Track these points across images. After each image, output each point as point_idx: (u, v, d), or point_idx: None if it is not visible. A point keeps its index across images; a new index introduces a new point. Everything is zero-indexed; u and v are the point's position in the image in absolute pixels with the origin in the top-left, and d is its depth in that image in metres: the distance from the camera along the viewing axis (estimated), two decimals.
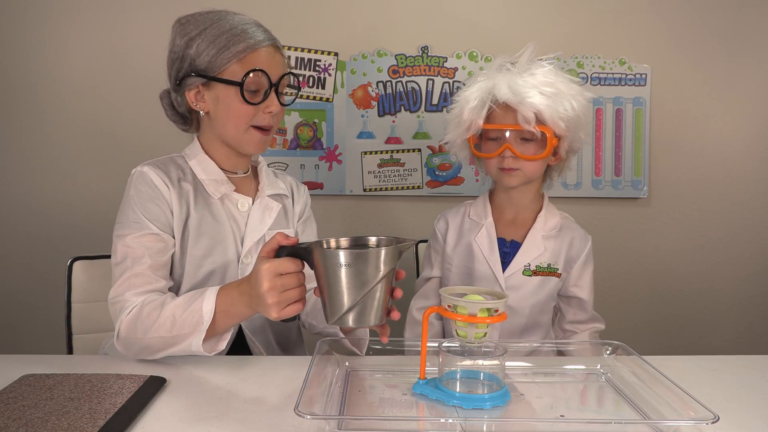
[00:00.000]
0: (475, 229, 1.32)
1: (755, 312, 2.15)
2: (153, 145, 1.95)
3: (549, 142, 1.19)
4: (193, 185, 1.11)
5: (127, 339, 0.97)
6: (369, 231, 2.07)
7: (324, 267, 0.81)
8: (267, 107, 1.07)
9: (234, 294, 0.92)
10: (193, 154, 1.14)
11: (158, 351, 0.96)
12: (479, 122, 1.22)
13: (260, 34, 1.05)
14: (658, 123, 2.07)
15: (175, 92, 1.11)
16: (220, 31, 1.03)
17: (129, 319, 0.97)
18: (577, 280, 1.31)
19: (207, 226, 1.10)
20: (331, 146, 2.03)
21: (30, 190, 2.00)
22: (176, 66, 1.07)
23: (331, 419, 0.75)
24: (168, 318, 0.94)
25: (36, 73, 1.97)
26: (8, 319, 2.03)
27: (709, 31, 2.04)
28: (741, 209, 2.11)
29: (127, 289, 1.00)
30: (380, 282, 0.81)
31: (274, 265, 0.83)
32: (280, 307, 0.84)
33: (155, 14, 1.95)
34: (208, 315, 0.91)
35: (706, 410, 0.73)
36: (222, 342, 0.96)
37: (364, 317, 0.82)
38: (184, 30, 1.05)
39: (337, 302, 0.81)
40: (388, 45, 2.00)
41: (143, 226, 1.03)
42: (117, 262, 1.03)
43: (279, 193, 1.22)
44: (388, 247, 0.81)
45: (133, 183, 1.08)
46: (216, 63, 1.03)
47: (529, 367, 0.99)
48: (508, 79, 1.18)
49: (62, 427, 0.71)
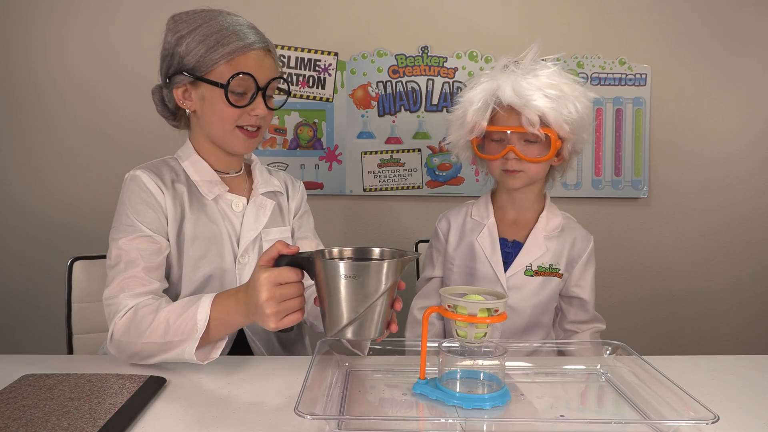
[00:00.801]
0: (477, 229, 1.32)
1: (755, 312, 2.15)
2: (153, 145, 1.95)
3: (553, 144, 1.19)
4: (186, 187, 1.10)
5: (120, 342, 0.96)
6: (369, 231, 2.07)
7: (325, 278, 0.79)
8: (252, 110, 1.06)
9: (230, 303, 0.90)
10: (186, 155, 1.14)
11: (151, 356, 0.94)
12: (483, 124, 1.22)
13: (251, 37, 1.04)
14: (658, 123, 2.07)
15: (165, 88, 1.11)
16: (211, 31, 1.02)
17: (123, 322, 0.96)
18: (579, 280, 1.31)
19: (202, 228, 1.09)
20: (331, 146, 2.03)
21: (30, 190, 2.00)
22: (166, 62, 1.07)
23: (331, 419, 0.75)
24: (162, 323, 0.92)
25: (36, 73, 1.97)
26: (8, 319, 2.03)
27: (709, 30, 2.04)
28: (741, 209, 2.11)
29: (122, 291, 0.99)
30: (383, 295, 0.79)
31: (274, 274, 0.81)
32: (278, 317, 0.82)
33: (155, 14, 1.95)
34: (202, 323, 0.89)
35: (706, 410, 0.73)
36: (216, 350, 0.94)
37: (364, 330, 0.80)
38: (176, 27, 1.05)
39: (337, 314, 0.79)
40: (388, 45, 2.00)
41: (136, 229, 1.03)
42: (111, 264, 1.03)
43: (273, 190, 1.21)
44: (391, 260, 0.79)
45: (126, 187, 1.08)
46: (204, 63, 1.02)
47: (529, 367, 0.99)
48: (512, 81, 1.18)
49: (62, 427, 0.71)
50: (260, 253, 1.14)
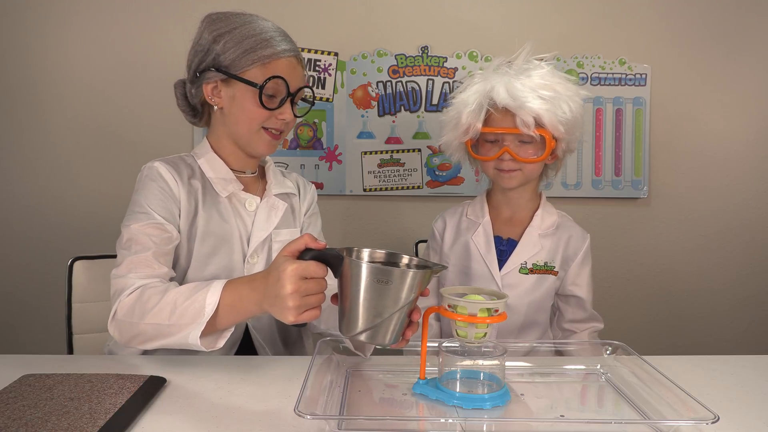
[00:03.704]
0: (473, 228, 1.32)
1: (755, 312, 2.15)
2: (153, 145, 1.96)
3: (548, 144, 1.19)
4: (201, 183, 1.12)
5: (123, 322, 0.94)
6: (369, 231, 2.07)
7: (354, 278, 0.76)
8: (281, 113, 1.09)
9: (244, 289, 0.88)
10: (202, 153, 1.15)
11: (152, 339, 0.92)
12: (478, 126, 1.22)
13: (286, 44, 1.08)
14: (658, 123, 2.07)
15: (191, 83, 1.12)
16: (250, 33, 1.05)
17: (128, 301, 0.94)
18: (576, 279, 1.31)
19: (214, 225, 1.10)
20: (331, 146, 2.03)
21: (30, 190, 2.00)
22: (199, 58, 1.09)
23: (331, 419, 0.75)
24: (168, 305, 0.90)
25: (35, 73, 1.96)
26: (8, 319, 2.03)
27: (709, 30, 2.04)
28: (741, 209, 2.11)
29: (131, 271, 0.99)
30: (409, 303, 0.78)
31: (302, 267, 0.78)
32: (299, 311, 0.79)
33: (155, 13, 1.95)
34: (211, 307, 0.87)
35: (706, 410, 0.73)
36: (221, 339, 0.92)
37: (380, 336, 0.79)
38: (214, 26, 1.07)
39: (358, 317, 0.78)
40: (388, 45, 2.00)
41: (149, 217, 1.04)
42: (122, 246, 1.03)
43: (286, 191, 1.23)
44: (425, 270, 0.78)
45: (142, 177, 1.09)
46: (240, 63, 1.05)
47: (529, 367, 0.99)
48: (506, 82, 1.18)
49: (62, 427, 0.71)
50: (269, 254, 1.15)
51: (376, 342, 0.80)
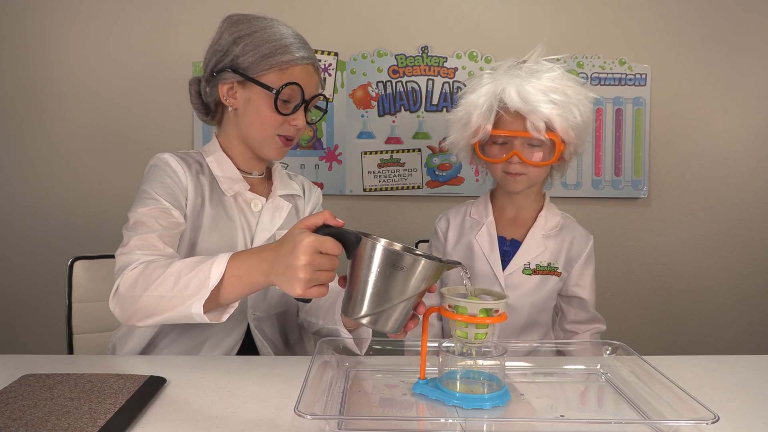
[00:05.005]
0: (476, 227, 1.32)
1: (755, 312, 2.15)
2: (153, 145, 1.95)
3: (557, 148, 1.19)
4: (209, 181, 1.13)
5: (125, 296, 0.92)
6: (369, 231, 2.05)
7: (367, 259, 0.76)
8: (294, 120, 1.09)
9: (251, 259, 0.86)
10: (211, 151, 1.16)
11: (154, 314, 0.90)
12: (488, 127, 1.21)
13: (304, 52, 1.09)
14: (658, 123, 2.07)
15: (206, 82, 1.13)
16: (269, 39, 1.06)
17: (132, 275, 0.92)
18: (578, 280, 1.31)
19: (219, 223, 1.11)
20: (331, 146, 2.03)
21: (30, 190, 2.00)
22: (216, 58, 1.09)
23: (331, 419, 0.75)
24: (172, 275, 0.88)
25: (36, 73, 1.97)
26: (8, 319, 2.03)
27: (709, 30, 2.04)
28: (741, 209, 2.11)
29: (137, 249, 0.97)
30: (418, 294, 0.78)
31: (319, 240, 0.78)
32: (308, 285, 0.79)
33: (155, 13, 1.95)
34: (216, 277, 0.85)
35: (706, 410, 0.73)
36: (225, 314, 0.90)
37: (382, 322, 0.79)
38: (234, 27, 1.08)
39: (366, 300, 0.77)
40: (388, 45, 2.00)
41: (156, 202, 1.04)
42: (128, 229, 1.02)
43: (291, 193, 1.23)
44: (440, 263, 0.78)
45: (150, 166, 1.10)
46: (258, 66, 1.06)
47: (529, 367, 0.99)
48: (516, 84, 1.17)
49: (62, 427, 0.71)
50: None
51: (378, 327, 0.80)
